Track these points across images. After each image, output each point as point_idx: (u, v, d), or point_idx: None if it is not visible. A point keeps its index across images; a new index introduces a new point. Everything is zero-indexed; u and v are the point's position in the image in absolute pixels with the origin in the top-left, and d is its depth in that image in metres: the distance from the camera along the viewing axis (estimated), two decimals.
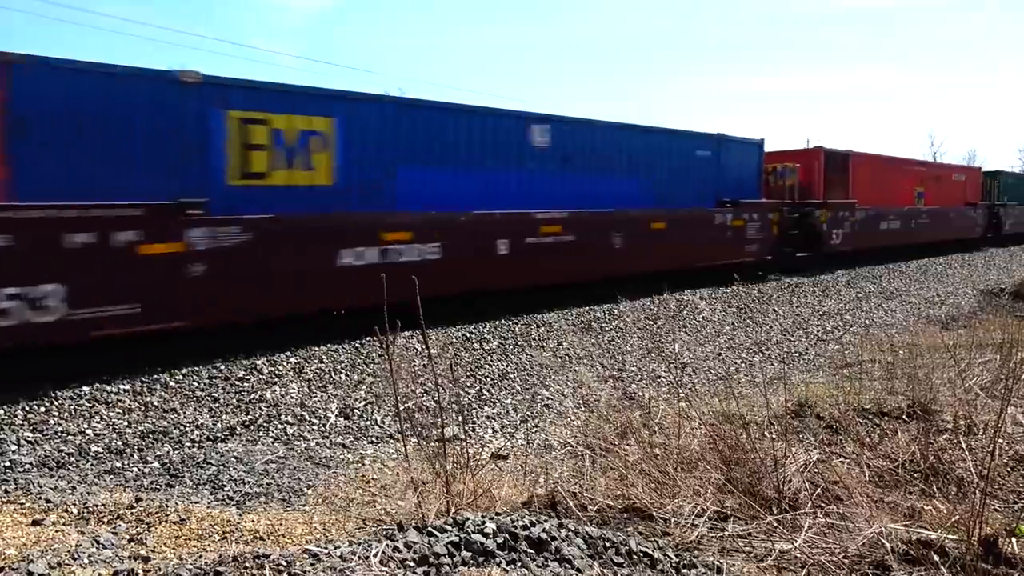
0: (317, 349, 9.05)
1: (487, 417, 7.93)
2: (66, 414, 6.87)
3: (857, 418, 6.88)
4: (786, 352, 11.49)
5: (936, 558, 3.10)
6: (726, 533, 3.52)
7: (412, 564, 2.93)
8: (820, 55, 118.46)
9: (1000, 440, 6.05)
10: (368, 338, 9.40)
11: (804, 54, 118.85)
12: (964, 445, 5.56)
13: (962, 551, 3.11)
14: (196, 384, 7.78)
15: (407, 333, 9.36)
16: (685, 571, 3.07)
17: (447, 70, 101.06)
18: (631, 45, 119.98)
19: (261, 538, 4.27)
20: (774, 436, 5.82)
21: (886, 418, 6.96)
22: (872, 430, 6.62)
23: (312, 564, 2.94)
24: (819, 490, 4.43)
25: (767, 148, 17.75)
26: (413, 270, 9.02)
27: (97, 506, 4.74)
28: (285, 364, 8.56)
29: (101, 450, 6.35)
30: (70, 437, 6.50)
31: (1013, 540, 3.57)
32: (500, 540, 3.09)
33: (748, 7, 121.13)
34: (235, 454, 6.42)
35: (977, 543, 3.16)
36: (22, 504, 4.83)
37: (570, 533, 3.19)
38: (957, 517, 3.63)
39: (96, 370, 7.70)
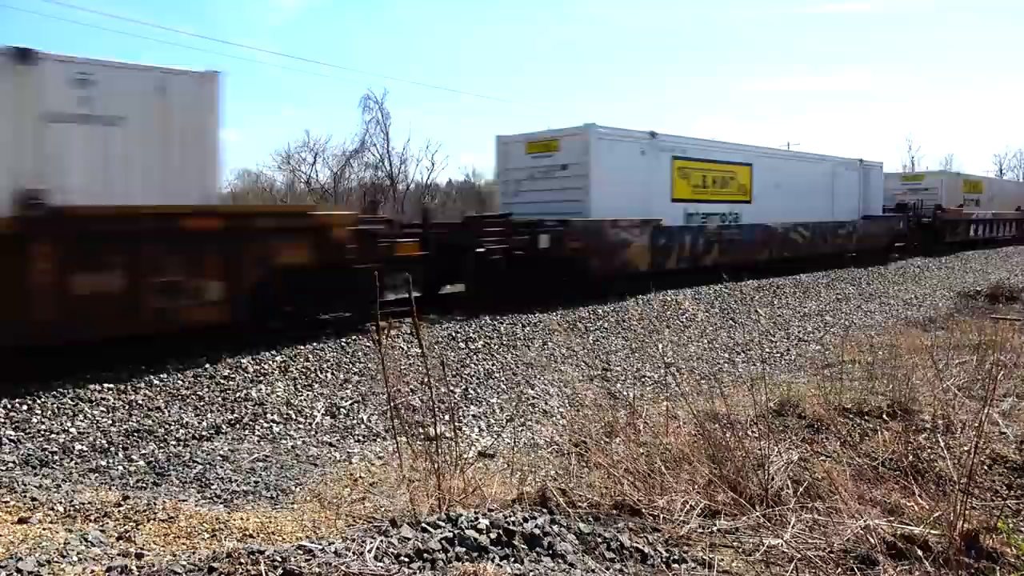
0: (303, 348, 9.04)
1: (473, 416, 7.95)
2: (49, 412, 6.81)
3: (838, 417, 6.98)
4: (768, 353, 11.60)
5: (920, 552, 3.18)
6: (715, 529, 3.58)
7: (407, 559, 2.95)
8: (798, 59, 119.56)
9: (977, 439, 6.19)
10: (354, 336, 9.41)
11: (783, 57, 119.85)
12: (943, 444, 5.68)
13: (945, 546, 3.19)
14: (181, 382, 7.74)
15: (392, 332, 9.39)
16: (676, 565, 3.12)
17: (433, 70, 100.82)
18: (614, 48, 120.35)
19: (251, 535, 4.27)
20: (757, 435, 5.91)
21: (866, 417, 7.06)
22: (853, 429, 6.72)
23: (307, 560, 2.96)
24: (803, 487, 4.51)
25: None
26: None
27: (83, 504, 4.71)
28: (271, 363, 8.53)
29: (86, 448, 6.31)
30: (54, 435, 6.45)
31: (994, 536, 3.66)
32: (493, 536, 3.12)
33: (727, 11, 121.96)
34: (221, 453, 6.40)
35: (959, 538, 3.24)
36: (7, 502, 4.79)
37: (562, 529, 3.23)
38: (939, 513, 3.71)
39: (80, 368, 7.64)
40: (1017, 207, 37.38)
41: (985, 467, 5.76)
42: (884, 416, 7.00)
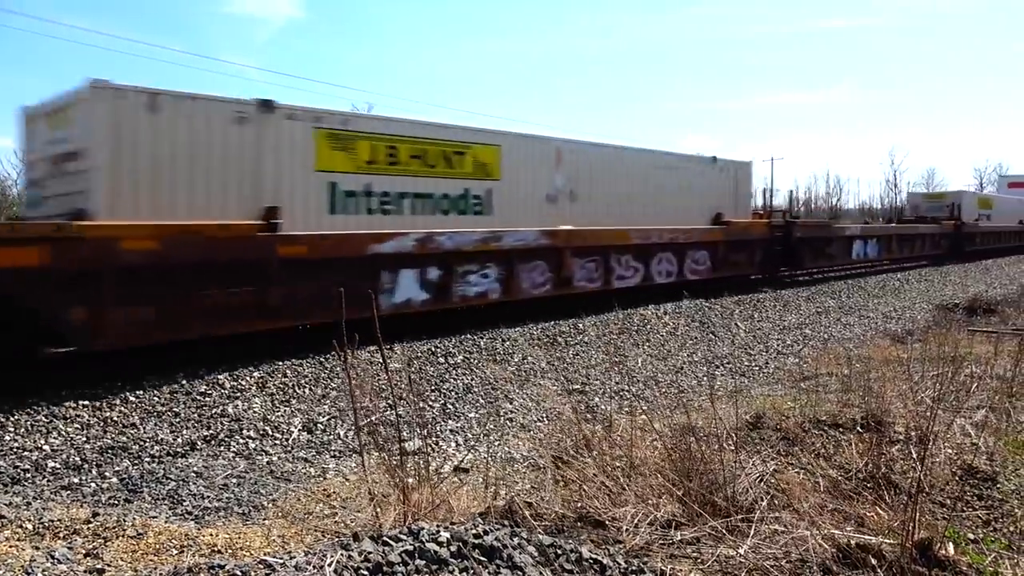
0: (280, 363, 9.03)
1: (451, 430, 7.97)
2: (23, 429, 6.78)
3: (813, 430, 7.05)
4: (747, 366, 11.69)
5: (874, 561, 3.23)
6: (675, 540, 3.62)
7: (366, 573, 2.98)
8: (783, 76, 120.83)
9: (949, 450, 6.28)
10: (333, 352, 9.40)
11: (767, 75, 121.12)
12: (915, 455, 5.75)
13: (897, 554, 3.24)
14: (157, 399, 7.72)
15: (372, 347, 9.39)
16: None
17: (418, 85, 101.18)
18: (604, 67, 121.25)
19: (219, 551, 4.28)
20: (731, 448, 5.96)
21: (841, 430, 7.13)
22: (827, 441, 6.78)
23: (267, 574, 2.98)
24: (772, 499, 4.56)
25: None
26: None
27: (53, 521, 4.70)
28: (248, 378, 8.52)
29: (58, 466, 6.28)
30: (26, 453, 6.43)
31: (950, 544, 3.73)
32: (454, 549, 3.15)
33: (713, 32, 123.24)
34: (195, 469, 6.39)
35: (912, 546, 3.30)
36: None
37: (522, 541, 3.26)
38: (897, 523, 3.77)
39: (55, 385, 7.61)
40: (717, 227, 17.29)
41: (956, 478, 5.83)
42: (858, 428, 7.08)
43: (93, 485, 5.98)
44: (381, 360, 5.93)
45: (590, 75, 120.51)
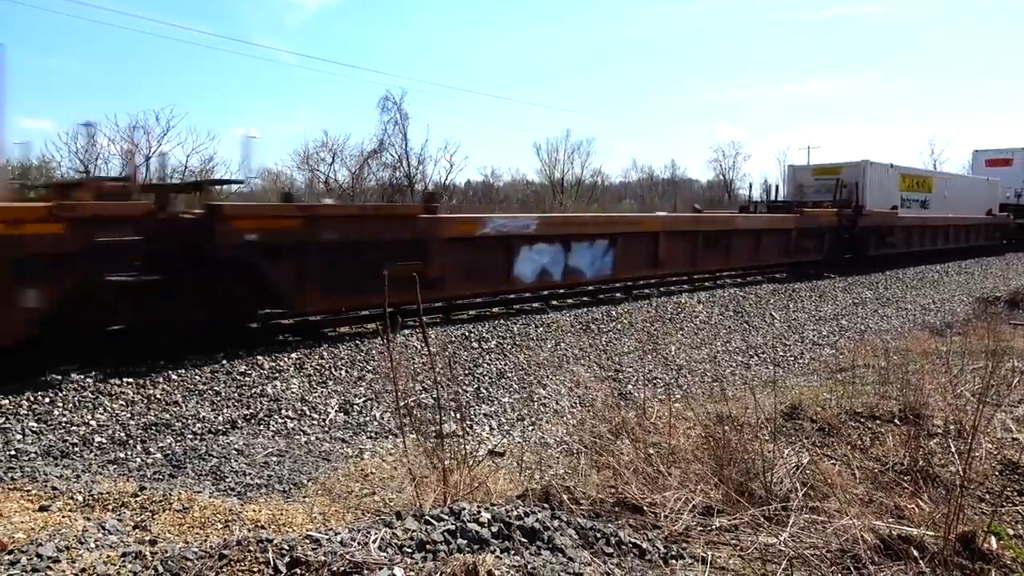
0: (318, 346, 9.17)
1: (485, 415, 8.04)
2: (70, 405, 6.97)
3: (849, 421, 6.99)
4: (781, 356, 11.59)
5: (915, 553, 3.22)
6: (714, 527, 3.63)
7: (410, 550, 3.04)
8: (809, 64, 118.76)
9: (989, 444, 6.20)
10: (369, 335, 9.53)
11: (795, 63, 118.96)
12: (955, 449, 5.69)
13: (940, 546, 3.23)
14: (198, 378, 7.89)
15: (407, 331, 9.51)
16: (673, 561, 3.19)
17: (449, 72, 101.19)
18: (631, 54, 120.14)
19: (262, 526, 4.38)
20: (766, 437, 5.95)
21: (877, 422, 7.06)
22: (864, 433, 6.73)
23: (313, 548, 3.06)
24: (808, 489, 4.55)
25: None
26: None
27: (102, 494, 4.84)
28: (286, 360, 8.66)
29: (105, 441, 6.46)
30: (74, 427, 6.61)
31: (993, 538, 3.69)
32: (495, 529, 3.20)
33: (737, 18, 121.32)
34: (236, 447, 6.53)
35: (955, 539, 3.27)
36: (28, 491, 4.93)
37: (562, 524, 3.30)
38: (939, 515, 3.74)
39: (100, 362, 7.81)
40: None
41: (996, 473, 5.77)
42: (896, 421, 7.01)
43: (138, 460, 6.14)
44: (424, 345, 5.99)
45: (614, 66, 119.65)
